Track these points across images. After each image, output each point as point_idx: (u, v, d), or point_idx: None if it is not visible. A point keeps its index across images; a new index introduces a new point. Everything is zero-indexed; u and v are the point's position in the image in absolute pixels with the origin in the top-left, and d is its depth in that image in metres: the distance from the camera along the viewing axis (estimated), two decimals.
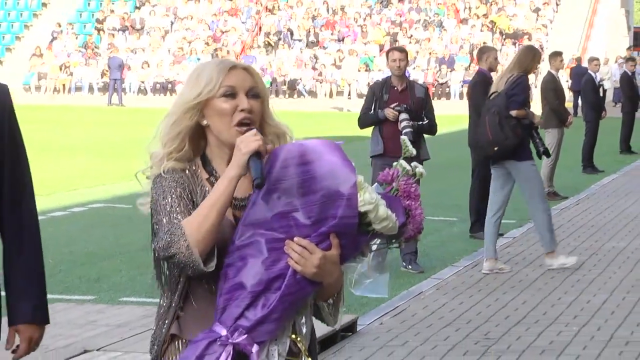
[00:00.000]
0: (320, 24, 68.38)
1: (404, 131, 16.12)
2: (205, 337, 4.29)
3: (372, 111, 16.43)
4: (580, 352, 11.28)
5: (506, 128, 16.50)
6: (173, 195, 4.44)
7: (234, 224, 4.46)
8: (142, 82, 65.71)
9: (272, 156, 4.38)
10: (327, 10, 69.18)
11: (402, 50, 17.32)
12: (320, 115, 52.27)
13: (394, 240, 4.53)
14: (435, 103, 20.79)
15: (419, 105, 16.17)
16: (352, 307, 13.29)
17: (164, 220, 4.39)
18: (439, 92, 59.64)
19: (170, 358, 4.51)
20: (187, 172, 4.56)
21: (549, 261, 16.41)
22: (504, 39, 63.28)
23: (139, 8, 70.93)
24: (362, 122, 16.91)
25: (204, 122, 4.55)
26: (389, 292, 10.54)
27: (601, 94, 32.75)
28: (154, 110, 52.54)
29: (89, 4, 71.66)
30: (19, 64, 67.02)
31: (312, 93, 63.83)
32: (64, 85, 64.99)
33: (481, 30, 65.07)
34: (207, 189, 4.52)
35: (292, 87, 64.40)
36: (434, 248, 17.24)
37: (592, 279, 15.12)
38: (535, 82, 49.87)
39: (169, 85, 65.19)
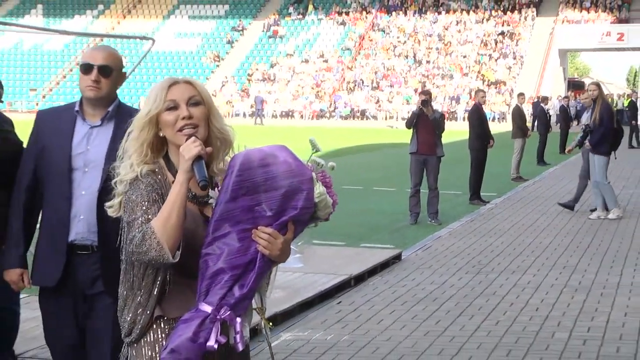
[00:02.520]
0: (380, 76, 68.31)
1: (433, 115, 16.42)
2: (195, 316, 3.65)
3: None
4: (536, 272, 11.15)
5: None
6: (149, 200, 3.69)
7: (202, 217, 3.84)
8: (274, 111, 65.89)
9: (233, 160, 3.72)
10: (384, 68, 69.00)
11: (427, 92, 17.16)
12: (380, 130, 52.12)
13: (313, 222, 3.93)
14: (448, 123, 20.56)
15: (436, 123, 16.03)
16: (398, 245, 13.28)
17: (140, 220, 3.63)
18: (450, 117, 59.19)
19: (156, 334, 3.79)
20: (158, 175, 3.80)
21: (604, 214, 16.17)
22: (489, 85, 62.90)
23: (272, 67, 71.06)
24: (407, 122, 16.58)
25: (161, 134, 3.81)
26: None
27: (548, 118, 33.26)
28: (281, 128, 52.64)
29: (243, 64, 71.98)
30: None
31: (375, 117, 63.72)
32: (228, 113, 65.30)
33: (476, 80, 64.74)
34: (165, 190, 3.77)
35: (363, 114, 64.33)
36: (448, 210, 17.06)
37: (543, 228, 14.95)
38: (508, 111, 49.58)
39: (290, 112, 65.35)
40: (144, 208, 3.67)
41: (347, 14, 75.22)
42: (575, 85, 76.52)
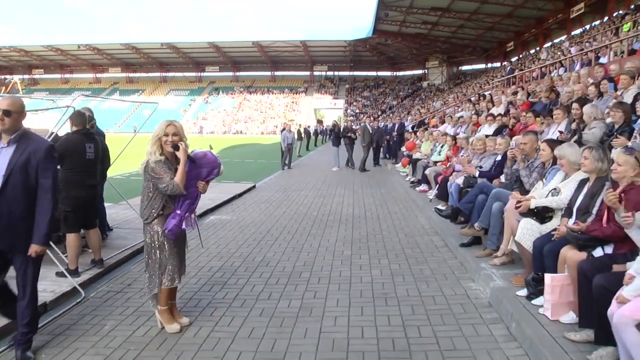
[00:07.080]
0: (248, 118, 65.55)
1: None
2: (177, 215, 3.48)
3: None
4: (312, 190, 10.65)
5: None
6: (167, 170, 3.41)
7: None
8: (207, 131, 61.62)
9: (194, 154, 3.54)
10: (250, 114, 66.34)
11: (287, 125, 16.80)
12: (249, 138, 49.39)
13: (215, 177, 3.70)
14: (275, 136, 19.50)
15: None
16: (255, 181, 12.20)
17: (167, 178, 3.39)
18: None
19: (159, 220, 3.47)
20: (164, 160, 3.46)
21: (337, 169, 15.43)
22: (289, 121, 61.62)
23: (206, 114, 66.62)
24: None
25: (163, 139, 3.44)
26: None
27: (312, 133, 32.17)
28: (209, 138, 49.33)
29: (195, 114, 67.28)
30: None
31: (245, 133, 60.87)
32: (188, 132, 60.14)
33: (284, 119, 63.30)
34: (169, 166, 3.45)
35: (241, 132, 61.05)
36: (275, 168, 16.06)
37: (311, 174, 14.31)
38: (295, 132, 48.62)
39: (213, 132, 61.67)
40: (166, 173, 3.42)
41: (234, 93, 72.48)
42: (319, 122, 76.75)
